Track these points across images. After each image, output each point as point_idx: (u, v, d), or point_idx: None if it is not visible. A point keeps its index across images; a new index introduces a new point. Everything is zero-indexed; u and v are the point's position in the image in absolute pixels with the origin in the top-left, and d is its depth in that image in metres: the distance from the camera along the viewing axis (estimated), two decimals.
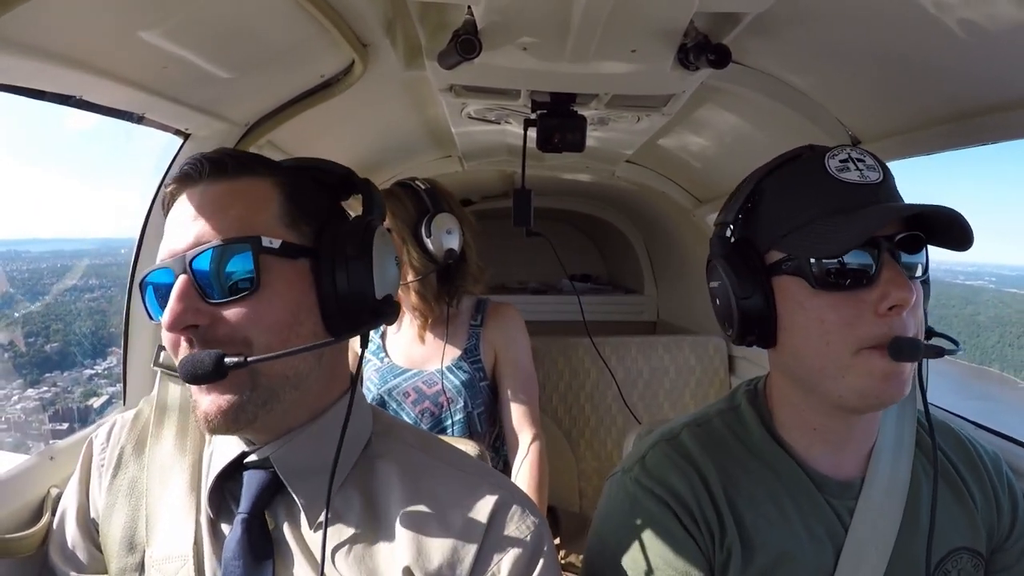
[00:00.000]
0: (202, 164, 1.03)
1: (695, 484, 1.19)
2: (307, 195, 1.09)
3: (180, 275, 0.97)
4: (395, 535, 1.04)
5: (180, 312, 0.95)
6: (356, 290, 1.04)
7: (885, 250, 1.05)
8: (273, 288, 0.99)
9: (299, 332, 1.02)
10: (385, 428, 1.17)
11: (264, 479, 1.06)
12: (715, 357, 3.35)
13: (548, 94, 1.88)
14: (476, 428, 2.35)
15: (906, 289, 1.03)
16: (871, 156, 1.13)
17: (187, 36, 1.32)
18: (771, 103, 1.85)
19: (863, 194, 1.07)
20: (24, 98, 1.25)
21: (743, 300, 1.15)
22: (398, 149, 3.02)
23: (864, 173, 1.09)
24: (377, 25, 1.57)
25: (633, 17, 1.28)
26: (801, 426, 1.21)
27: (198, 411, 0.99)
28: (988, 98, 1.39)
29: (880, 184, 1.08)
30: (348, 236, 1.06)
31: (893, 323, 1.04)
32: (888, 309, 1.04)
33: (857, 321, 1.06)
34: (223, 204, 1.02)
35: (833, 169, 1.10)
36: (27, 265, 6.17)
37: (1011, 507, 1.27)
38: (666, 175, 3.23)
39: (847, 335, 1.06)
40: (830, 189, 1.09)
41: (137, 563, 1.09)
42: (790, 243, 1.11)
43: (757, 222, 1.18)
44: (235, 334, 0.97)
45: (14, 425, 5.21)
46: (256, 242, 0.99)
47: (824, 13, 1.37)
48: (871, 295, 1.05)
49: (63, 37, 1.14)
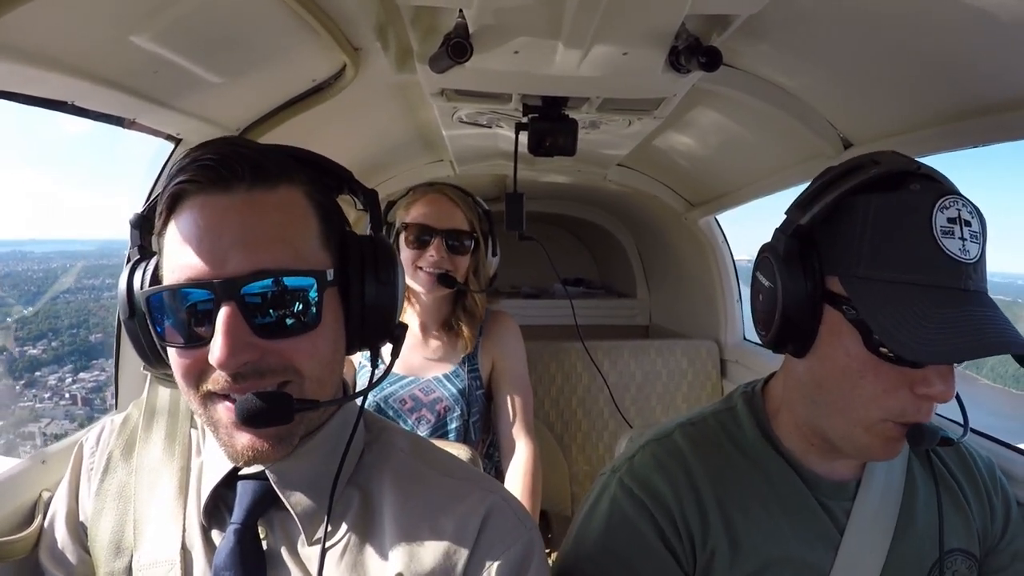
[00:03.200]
0: (240, 165, 0.92)
1: (679, 485, 1.19)
2: (329, 206, 1.04)
3: (226, 304, 0.88)
4: (387, 541, 1.03)
5: (234, 349, 0.88)
6: (383, 315, 1.04)
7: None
8: (327, 321, 0.97)
9: (339, 359, 1.03)
10: (377, 435, 1.16)
11: (258, 490, 1.05)
12: (707, 361, 3.36)
13: (539, 98, 1.88)
14: (471, 436, 2.35)
15: (951, 385, 1.01)
16: (979, 218, 1.03)
17: (178, 41, 1.32)
18: (762, 106, 1.86)
19: (960, 277, 1.00)
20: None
21: (789, 311, 1.09)
22: (390, 153, 3.02)
23: (966, 245, 1.00)
24: (368, 29, 1.57)
25: (624, 20, 1.28)
26: (797, 432, 1.21)
27: (237, 444, 0.94)
28: (980, 99, 1.40)
29: (976, 263, 1.01)
30: (379, 259, 1.03)
31: (924, 408, 1.04)
32: (924, 395, 1.02)
33: (893, 392, 1.04)
34: (273, 222, 0.93)
35: (939, 230, 1.00)
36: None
37: (1004, 510, 1.28)
38: (658, 178, 3.24)
39: (879, 402, 1.05)
40: (927, 253, 1.00)
41: (125, 567, 1.08)
42: (861, 291, 1.04)
43: (834, 237, 1.09)
44: (287, 365, 0.94)
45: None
46: (322, 276, 0.95)
47: (815, 16, 1.38)
48: (915, 375, 1.02)
49: (54, 42, 1.14)
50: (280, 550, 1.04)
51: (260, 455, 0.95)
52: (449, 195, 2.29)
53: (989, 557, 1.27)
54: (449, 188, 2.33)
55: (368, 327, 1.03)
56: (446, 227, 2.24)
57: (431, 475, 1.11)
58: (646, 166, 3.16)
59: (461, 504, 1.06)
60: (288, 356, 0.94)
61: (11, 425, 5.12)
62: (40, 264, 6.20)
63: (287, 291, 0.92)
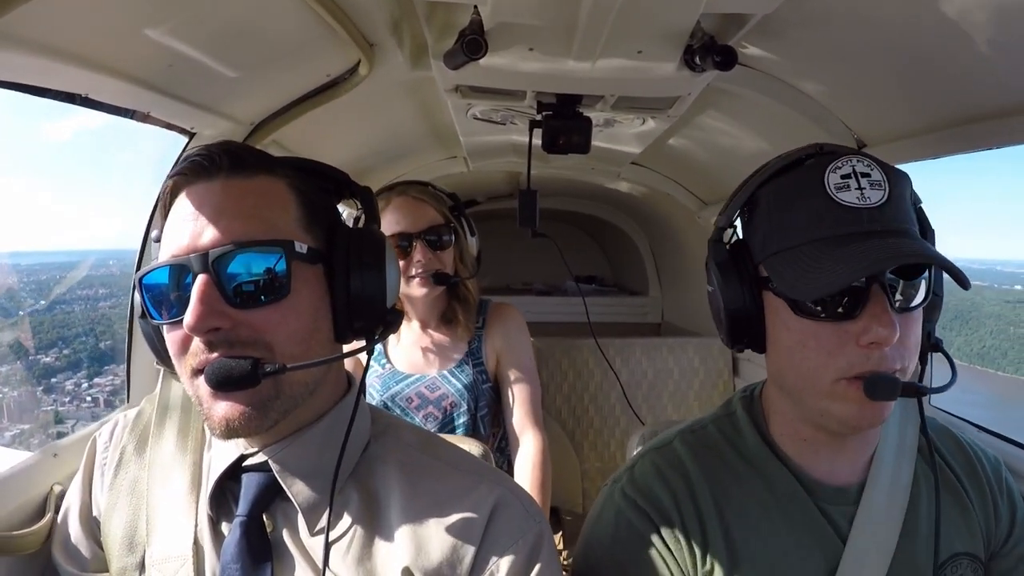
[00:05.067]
0: (219, 156, 1.00)
1: (680, 494, 1.19)
2: (316, 198, 1.08)
3: (200, 274, 0.93)
4: (394, 535, 1.03)
5: (204, 314, 0.92)
6: (371, 297, 1.05)
7: (874, 280, 1.02)
8: (299, 294, 0.99)
9: (317, 338, 1.03)
10: (384, 429, 1.17)
11: (263, 482, 1.06)
12: (719, 359, 3.36)
13: (554, 95, 1.87)
14: (480, 430, 2.34)
15: (889, 327, 1.00)
16: (880, 169, 1.06)
17: (193, 34, 1.32)
18: (777, 106, 1.85)
19: (858, 220, 1.03)
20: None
21: (732, 308, 1.15)
22: (404, 149, 3.02)
23: (866, 193, 1.04)
24: (383, 25, 1.56)
25: (639, 18, 1.27)
26: (792, 435, 1.20)
27: (214, 415, 0.96)
28: (996, 101, 1.38)
29: (883, 207, 1.03)
30: (364, 243, 1.06)
31: (873, 357, 1.03)
32: (869, 344, 1.02)
33: (838, 351, 1.04)
34: (247, 202, 0.99)
35: (832, 187, 1.05)
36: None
37: (1009, 512, 1.27)
38: (671, 177, 3.23)
39: (827, 363, 1.05)
40: (824, 211, 1.05)
41: (137, 562, 1.09)
42: (775, 265, 1.10)
43: (751, 232, 1.17)
44: (258, 338, 0.96)
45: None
46: (290, 246, 0.98)
47: (830, 16, 1.37)
48: (855, 326, 1.03)
49: (69, 35, 1.14)
50: (286, 541, 1.05)
51: (235, 424, 0.95)
52: (414, 195, 2.26)
53: (995, 560, 1.26)
54: (410, 187, 2.30)
55: (355, 311, 1.04)
56: (422, 227, 2.22)
57: (438, 468, 1.11)
58: (660, 164, 3.16)
59: (468, 497, 1.06)
60: (259, 328, 0.96)
61: (40, 427, 5.19)
62: (30, 276, 6.31)
63: (256, 260, 0.96)
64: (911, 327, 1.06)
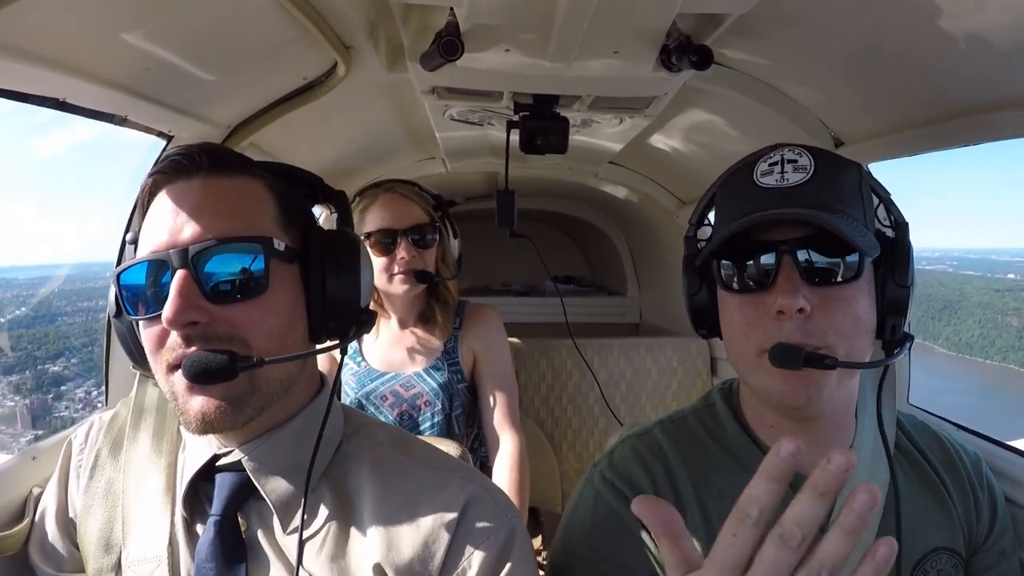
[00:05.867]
0: (199, 156, 1.01)
1: (659, 478, 1.20)
2: (293, 200, 1.09)
3: (179, 269, 0.94)
4: (367, 532, 1.04)
5: (182, 307, 0.92)
6: (345, 298, 1.06)
7: (782, 253, 1.07)
8: (276, 291, 1.00)
9: (293, 336, 1.04)
10: (357, 428, 1.17)
11: (236, 481, 1.06)
12: (697, 359, 3.36)
13: (531, 96, 1.88)
14: (454, 430, 2.35)
15: (790, 295, 1.04)
16: (809, 155, 1.13)
17: (170, 38, 1.32)
18: (754, 104, 1.87)
19: (768, 199, 1.10)
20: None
21: (690, 296, 1.25)
22: (382, 150, 3.02)
23: (786, 176, 1.10)
24: (360, 27, 1.56)
25: (615, 18, 1.29)
26: (760, 422, 1.23)
27: (190, 409, 0.96)
28: (972, 99, 1.41)
29: (799, 186, 1.09)
30: (339, 245, 1.07)
31: (783, 328, 1.06)
32: (778, 313, 1.05)
33: (756, 323, 1.09)
34: (227, 200, 1.01)
35: (758, 174, 1.13)
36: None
37: (990, 508, 1.28)
38: (650, 176, 3.25)
39: (748, 336, 1.10)
40: (747, 195, 1.13)
41: (113, 564, 1.09)
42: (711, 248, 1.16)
43: (709, 225, 1.28)
44: (234, 334, 0.96)
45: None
46: (268, 243, 0.99)
47: (807, 15, 1.39)
48: (767, 299, 1.07)
49: (46, 40, 1.14)
50: (260, 540, 1.05)
51: (210, 418, 0.95)
52: (401, 192, 2.28)
53: (976, 555, 1.27)
54: (398, 184, 2.32)
55: (330, 311, 1.05)
56: (407, 225, 2.23)
57: (410, 465, 1.11)
58: (638, 164, 3.17)
59: (440, 494, 1.07)
60: (235, 324, 0.97)
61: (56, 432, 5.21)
62: (28, 290, 6.34)
63: (234, 256, 0.97)
64: (837, 305, 1.08)
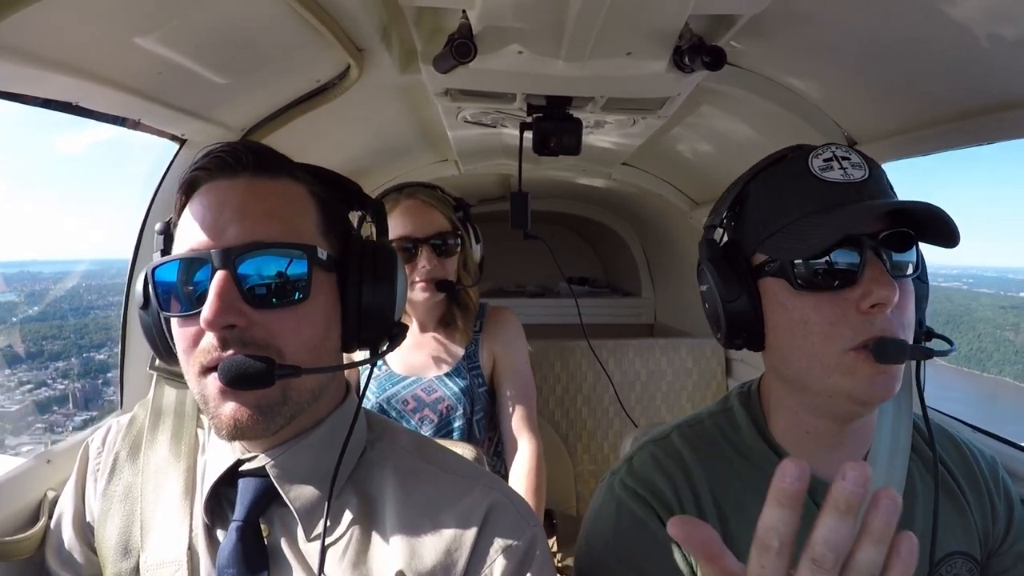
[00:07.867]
0: (245, 155, 1.00)
1: (679, 484, 1.19)
2: (332, 206, 1.09)
3: (220, 270, 0.93)
4: (389, 539, 1.03)
5: (222, 310, 0.91)
6: (381, 311, 1.06)
7: (868, 248, 1.04)
8: (315, 300, 0.99)
9: (327, 347, 1.03)
10: (380, 433, 1.17)
11: (259, 487, 1.05)
12: (712, 360, 3.35)
13: (544, 97, 1.88)
14: (476, 434, 2.34)
15: (889, 287, 1.01)
16: (857, 154, 1.12)
17: (183, 42, 1.32)
18: (767, 105, 1.86)
19: (845, 192, 1.07)
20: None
21: (729, 303, 1.16)
22: (394, 153, 3.02)
23: (848, 172, 1.08)
24: (372, 30, 1.56)
25: (628, 19, 1.28)
26: (794, 429, 1.20)
27: (222, 414, 0.95)
28: (985, 98, 1.39)
29: (864, 182, 1.08)
30: (378, 256, 1.07)
31: (877, 322, 1.03)
32: (871, 307, 1.02)
33: (840, 321, 1.05)
34: (271, 203, 1.00)
35: (816, 169, 1.10)
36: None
37: (1007, 512, 1.27)
38: (663, 177, 3.24)
39: (831, 335, 1.06)
40: (812, 189, 1.09)
41: (132, 568, 1.09)
42: (772, 245, 1.12)
43: (743, 225, 1.19)
44: (271, 342, 0.95)
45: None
46: (312, 251, 0.98)
47: (818, 15, 1.38)
48: (854, 294, 1.04)
49: (60, 44, 1.14)
50: (282, 547, 1.04)
51: (242, 425, 0.95)
52: (423, 198, 2.25)
53: (992, 559, 1.26)
54: (420, 190, 2.28)
55: (364, 322, 1.05)
56: (430, 233, 2.21)
57: (433, 472, 1.11)
58: (651, 165, 3.16)
59: (463, 501, 1.06)
60: (273, 331, 0.96)
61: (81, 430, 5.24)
62: (54, 283, 6.31)
63: (277, 262, 0.96)
64: (907, 297, 1.07)
